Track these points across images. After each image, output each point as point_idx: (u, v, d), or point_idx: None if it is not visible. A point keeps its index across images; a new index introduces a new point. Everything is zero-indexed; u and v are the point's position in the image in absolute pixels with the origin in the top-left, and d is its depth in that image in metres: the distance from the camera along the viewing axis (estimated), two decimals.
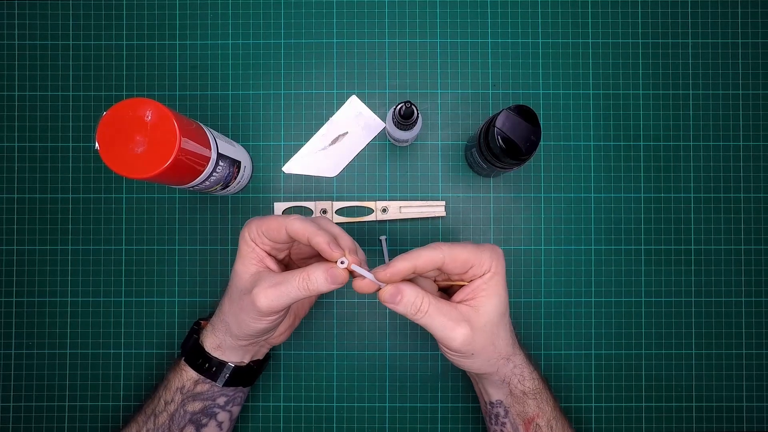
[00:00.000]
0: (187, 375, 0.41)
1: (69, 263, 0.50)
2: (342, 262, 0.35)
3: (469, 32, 0.51)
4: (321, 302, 0.50)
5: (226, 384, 0.42)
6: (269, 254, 0.39)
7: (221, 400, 0.42)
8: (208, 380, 0.41)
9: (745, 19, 0.51)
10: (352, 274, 0.36)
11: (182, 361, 0.42)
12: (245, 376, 0.43)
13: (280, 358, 0.50)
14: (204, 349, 0.41)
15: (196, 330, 0.44)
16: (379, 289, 0.36)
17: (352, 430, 0.50)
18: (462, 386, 0.50)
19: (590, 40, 0.51)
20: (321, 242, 0.35)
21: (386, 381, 0.50)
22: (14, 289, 0.50)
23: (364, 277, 0.35)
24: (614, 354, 0.50)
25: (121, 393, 0.50)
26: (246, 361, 0.43)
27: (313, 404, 0.50)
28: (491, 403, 0.42)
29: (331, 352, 0.50)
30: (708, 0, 0.51)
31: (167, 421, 0.41)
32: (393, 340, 0.50)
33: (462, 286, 0.38)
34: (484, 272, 0.37)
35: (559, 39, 0.51)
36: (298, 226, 0.36)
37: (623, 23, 0.51)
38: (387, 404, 0.50)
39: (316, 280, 0.35)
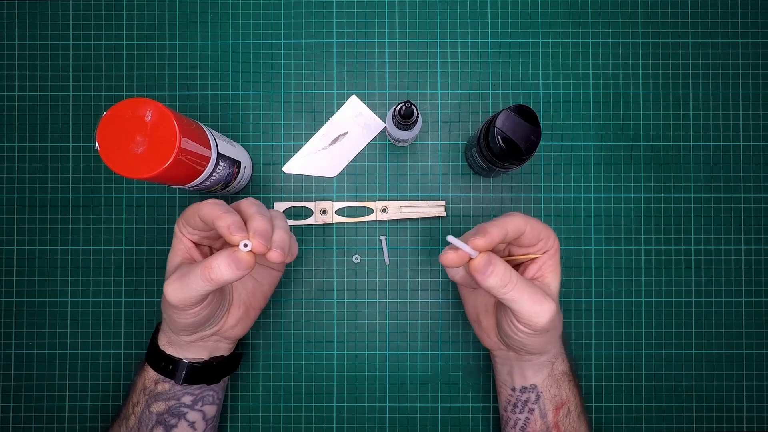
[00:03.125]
0: (148, 375, 0.41)
1: (69, 263, 0.50)
2: (245, 245, 0.32)
3: (469, 32, 0.51)
4: (321, 302, 0.50)
5: (187, 382, 0.40)
6: (198, 244, 0.38)
7: (187, 399, 0.41)
8: (168, 379, 0.40)
9: (745, 19, 0.51)
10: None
11: (145, 362, 0.42)
12: (207, 373, 0.42)
13: (280, 358, 0.50)
14: (159, 347, 0.41)
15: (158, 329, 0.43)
16: (469, 260, 0.33)
17: (352, 430, 0.50)
18: (462, 386, 0.50)
19: (590, 40, 0.51)
20: (221, 226, 0.33)
21: (386, 381, 0.50)
22: (14, 289, 0.50)
23: (457, 250, 0.33)
24: (614, 354, 0.50)
25: (121, 393, 0.50)
26: (204, 357, 0.41)
27: (313, 404, 0.50)
28: (523, 388, 0.41)
29: (331, 352, 0.50)
30: (708, 0, 0.51)
31: (136, 424, 0.40)
32: (393, 340, 0.50)
33: (523, 262, 0.37)
34: (550, 247, 0.37)
35: (559, 39, 0.51)
36: (206, 210, 0.34)
37: (623, 23, 0.51)
38: (387, 404, 0.50)
39: (217, 268, 0.32)
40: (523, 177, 0.50)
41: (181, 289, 0.34)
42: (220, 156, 0.42)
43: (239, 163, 0.46)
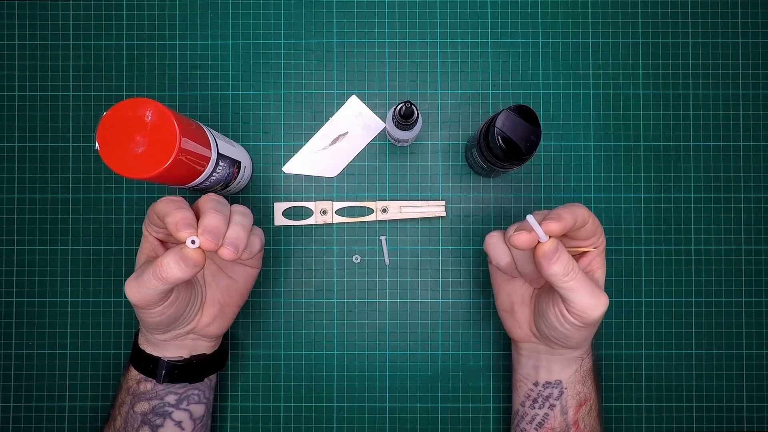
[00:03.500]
0: (131, 375, 0.41)
1: (69, 263, 0.50)
2: (192, 242, 0.32)
3: (469, 32, 0.51)
4: (321, 302, 0.50)
5: (169, 380, 0.40)
6: (165, 242, 0.38)
7: (171, 399, 0.41)
8: (150, 379, 0.40)
9: (745, 19, 0.51)
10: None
11: (129, 362, 0.42)
12: (189, 371, 0.41)
13: (280, 358, 0.50)
14: (139, 347, 0.41)
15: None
16: (536, 244, 0.33)
17: (352, 430, 0.50)
18: (462, 386, 0.50)
19: (590, 40, 0.51)
20: (169, 222, 0.32)
21: (386, 381, 0.50)
22: (14, 289, 0.50)
23: (530, 231, 0.33)
24: (614, 354, 0.50)
25: None
26: (184, 355, 0.41)
27: (313, 404, 0.50)
28: (547, 383, 0.40)
29: (331, 352, 0.50)
30: (708, 0, 0.51)
31: (122, 424, 0.40)
32: (393, 340, 0.50)
33: (575, 254, 0.38)
34: (601, 243, 0.37)
35: (559, 39, 0.51)
36: (160, 207, 0.34)
37: (623, 23, 0.51)
38: (387, 404, 0.50)
39: (167, 266, 0.32)
40: (523, 177, 0.50)
41: (137, 288, 0.34)
42: (220, 156, 0.42)
43: (239, 163, 0.46)
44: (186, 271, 0.32)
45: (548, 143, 0.50)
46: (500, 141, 0.38)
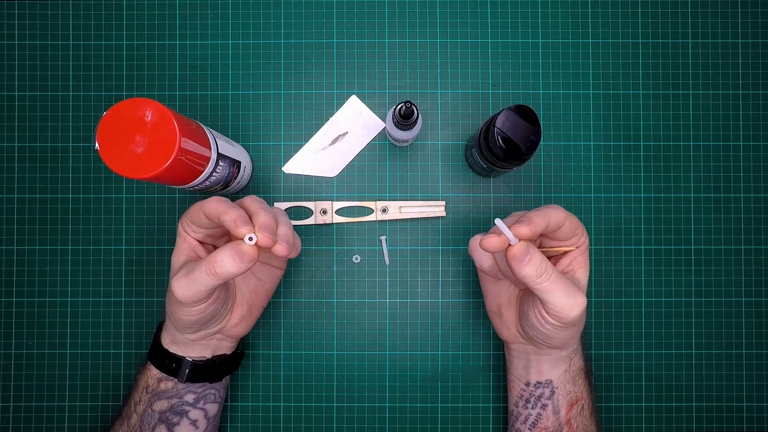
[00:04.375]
0: (151, 373, 0.41)
1: (69, 263, 0.50)
2: (250, 239, 0.33)
3: (469, 32, 0.51)
4: (321, 302, 0.50)
5: (190, 380, 0.41)
6: (203, 242, 0.39)
7: (189, 398, 0.41)
8: (171, 378, 0.41)
9: (745, 19, 0.51)
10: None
11: (147, 361, 0.42)
12: (210, 371, 0.42)
13: (280, 358, 0.50)
14: (162, 346, 0.41)
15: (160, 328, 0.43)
16: (506, 246, 0.33)
17: (352, 430, 0.50)
18: (462, 386, 0.50)
19: (590, 40, 0.51)
20: (227, 220, 0.33)
21: (386, 381, 0.50)
22: (14, 289, 0.50)
23: (500, 234, 0.33)
24: (614, 354, 0.50)
25: (121, 393, 0.50)
26: (207, 355, 0.42)
27: (313, 404, 0.50)
28: (538, 383, 0.41)
29: (331, 352, 0.50)
30: (708, 0, 0.51)
31: (138, 422, 0.40)
32: (393, 340, 0.50)
33: (555, 254, 0.38)
34: (582, 242, 0.37)
35: (559, 39, 0.51)
36: (211, 207, 0.35)
37: (623, 23, 0.51)
38: (387, 404, 0.50)
39: (222, 262, 0.33)
40: (523, 177, 0.50)
41: (187, 285, 0.34)
42: (220, 156, 0.42)
43: (239, 163, 0.46)
44: (241, 267, 0.33)
45: (548, 143, 0.50)
46: (500, 141, 0.38)
